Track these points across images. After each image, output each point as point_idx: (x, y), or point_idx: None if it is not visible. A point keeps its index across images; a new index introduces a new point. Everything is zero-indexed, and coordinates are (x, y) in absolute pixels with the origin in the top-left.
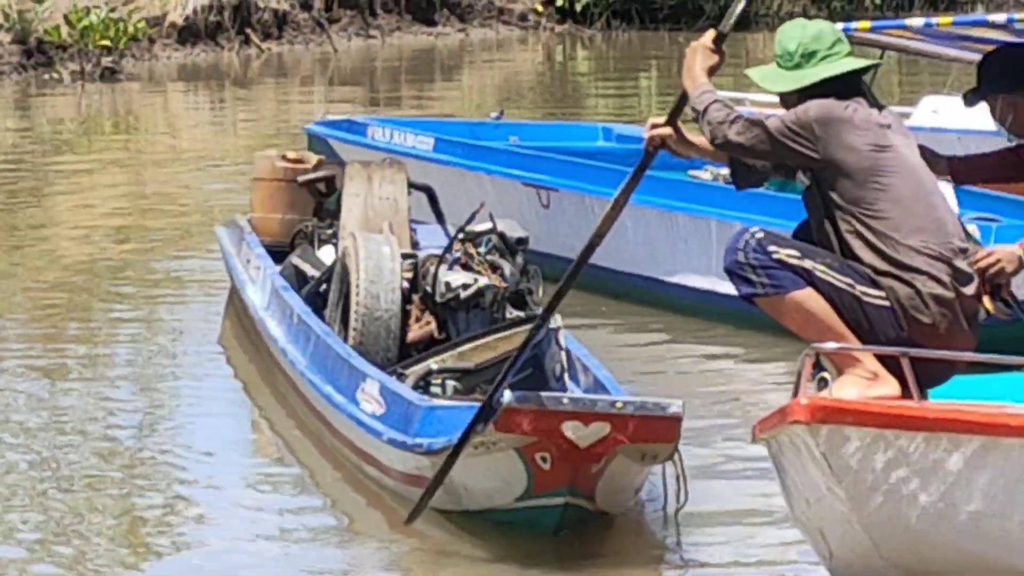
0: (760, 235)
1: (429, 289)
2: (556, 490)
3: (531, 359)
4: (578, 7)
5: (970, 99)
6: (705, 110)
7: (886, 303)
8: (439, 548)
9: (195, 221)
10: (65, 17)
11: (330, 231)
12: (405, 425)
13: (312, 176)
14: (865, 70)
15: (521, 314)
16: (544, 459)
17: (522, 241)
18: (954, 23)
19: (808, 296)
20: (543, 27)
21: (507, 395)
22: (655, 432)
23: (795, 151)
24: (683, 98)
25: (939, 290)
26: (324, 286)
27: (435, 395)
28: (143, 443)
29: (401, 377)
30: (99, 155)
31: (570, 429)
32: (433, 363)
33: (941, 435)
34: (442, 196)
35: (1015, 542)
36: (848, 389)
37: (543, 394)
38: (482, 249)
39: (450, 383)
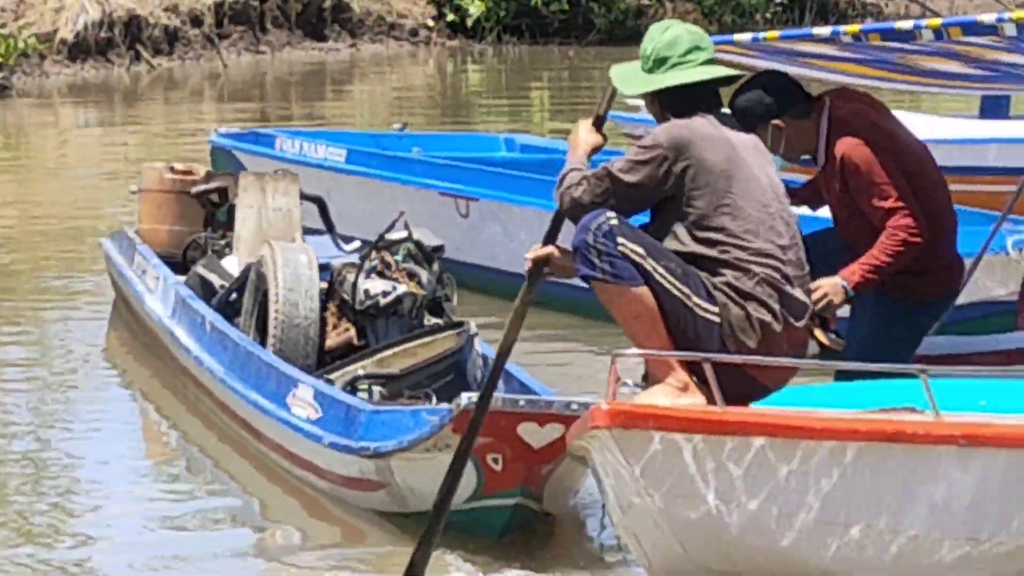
0: (614, 222)
1: (347, 297)
2: (508, 491)
3: (453, 365)
4: (469, 22)
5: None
6: (560, 180)
7: (716, 320)
8: (383, 551)
9: (84, 234)
10: None
11: (223, 242)
12: (348, 429)
13: (205, 187)
14: (720, 81)
15: (439, 321)
16: (496, 460)
17: (438, 249)
18: (780, 37)
19: (641, 295)
20: (434, 42)
21: (464, 397)
22: None
23: (646, 183)
24: (558, 216)
25: (768, 318)
26: (235, 295)
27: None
28: (37, 456)
29: (328, 383)
30: None
31: (525, 431)
32: (359, 369)
33: (741, 439)
34: (357, 207)
35: (815, 541)
36: (658, 398)
37: (500, 396)
38: (399, 257)
39: (376, 388)
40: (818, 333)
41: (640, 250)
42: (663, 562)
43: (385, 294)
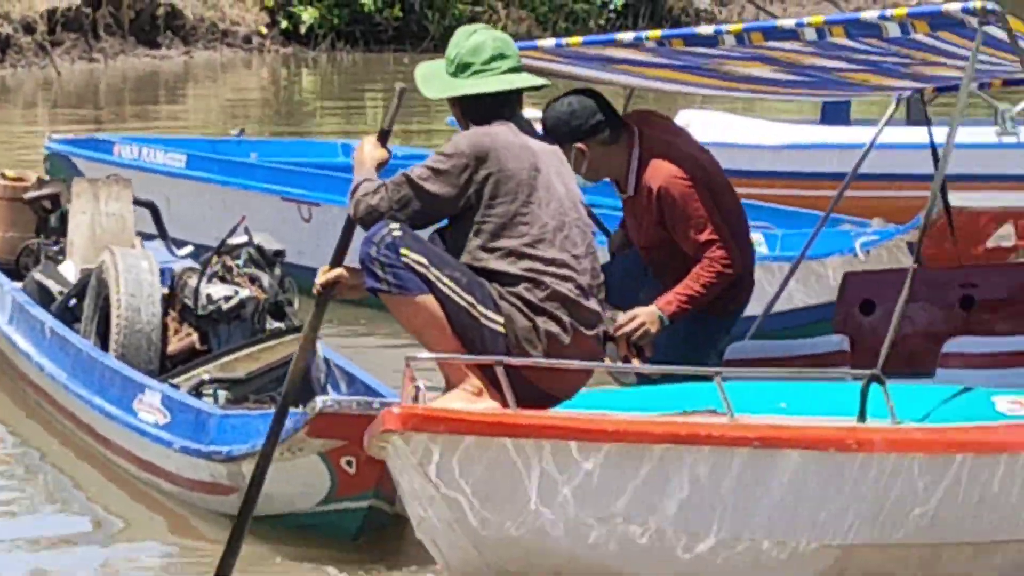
0: (397, 234)
1: (188, 302)
2: (362, 494)
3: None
4: (302, 29)
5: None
6: (353, 190)
7: (501, 329)
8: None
9: None
10: None
11: (56, 248)
12: (198, 433)
13: (38, 193)
14: (521, 91)
15: (281, 325)
16: (349, 463)
17: (279, 253)
18: (584, 42)
19: (427, 304)
20: (268, 49)
21: (319, 401)
22: None
23: (447, 191)
24: (345, 236)
25: (556, 330)
26: (74, 301)
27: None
28: None
29: (173, 388)
30: None
31: None
32: (204, 373)
33: (535, 442)
34: (198, 212)
35: (612, 543)
36: (453, 403)
37: (355, 399)
38: (240, 262)
39: (221, 392)
40: (636, 361)
41: (423, 260)
42: (459, 565)
43: (227, 299)
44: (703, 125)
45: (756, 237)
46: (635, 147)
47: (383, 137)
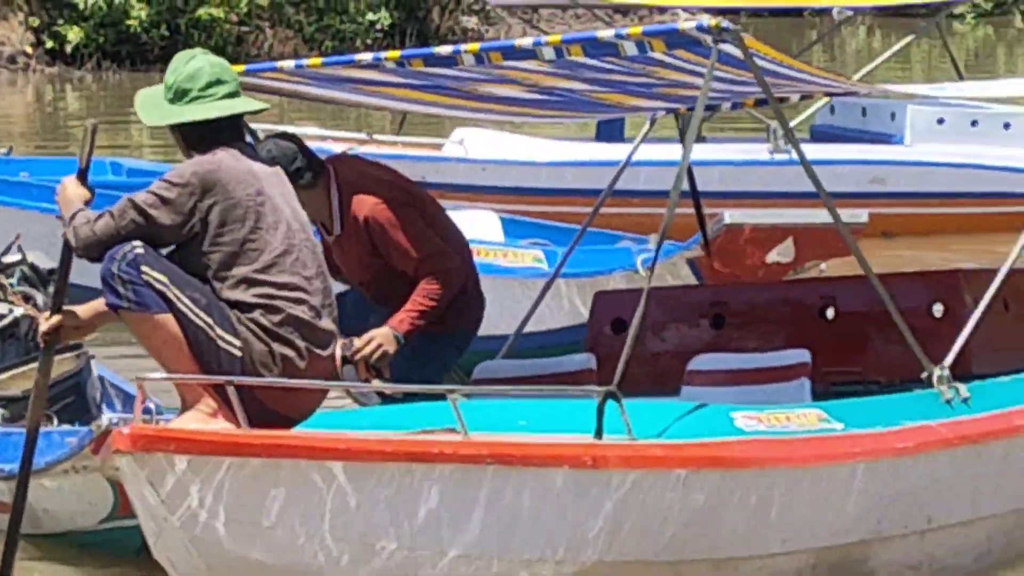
0: (139, 251)
1: None
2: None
3: (72, 387)
4: (68, 48)
5: None
6: (71, 220)
7: (238, 353)
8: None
9: None
10: None
11: None
12: None
13: None
14: (238, 116)
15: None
16: None
17: (53, 272)
18: (324, 63)
19: (166, 322)
20: (33, 69)
21: (105, 419)
22: None
23: (172, 219)
24: (62, 276)
25: (291, 354)
26: None
27: None
28: None
29: None
30: None
31: None
32: None
33: (266, 461)
34: None
35: (349, 561)
36: (188, 423)
37: (142, 416)
38: (13, 280)
39: None
40: (375, 382)
41: (164, 279)
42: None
43: (1, 317)
44: (478, 142)
45: (536, 254)
46: (332, 186)
47: (82, 176)
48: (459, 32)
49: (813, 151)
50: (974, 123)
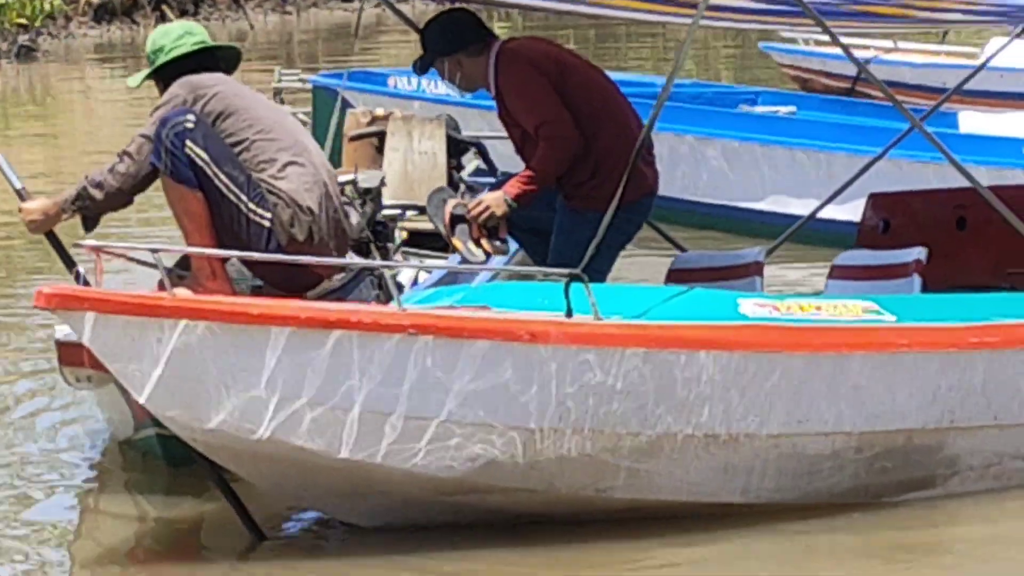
0: (189, 125)
1: None
2: (144, 422)
3: None
4: None
5: (420, 66)
6: (75, 199)
7: (267, 223)
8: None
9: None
10: None
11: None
12: None
13: (361, 131)
14: (210, 55)
15: None
16: None
17: None
18: None
19: (194, 199)
20: None
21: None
22: None
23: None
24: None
25: (307, 219)
26: None
27: None
28: None
29: None
30: (18, 131)
31: None
32: None
33: (188, 322)
34: None
35: (289, 426)
36: (180, 290)
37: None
38: None
39: None
40: (484, 242)
41: (205, 156)
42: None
43: None
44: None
45: None
46: (492, 54)
47: (23, 197)
48: None
49: None
50: None
